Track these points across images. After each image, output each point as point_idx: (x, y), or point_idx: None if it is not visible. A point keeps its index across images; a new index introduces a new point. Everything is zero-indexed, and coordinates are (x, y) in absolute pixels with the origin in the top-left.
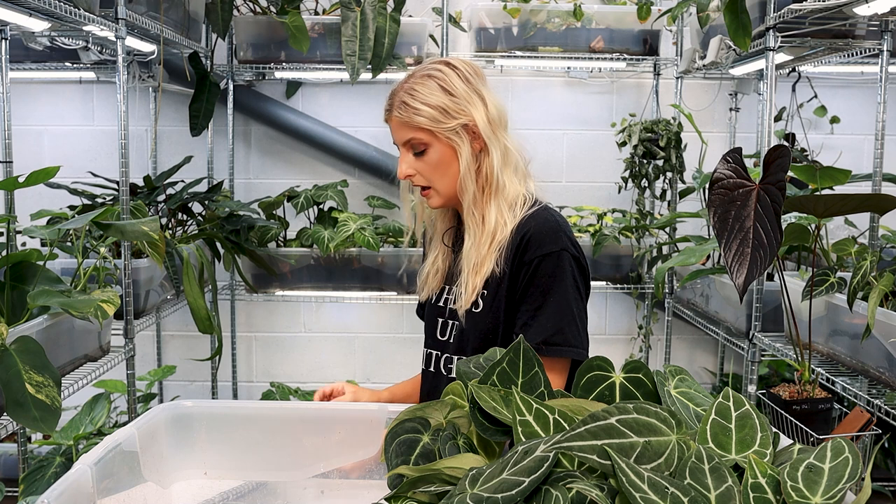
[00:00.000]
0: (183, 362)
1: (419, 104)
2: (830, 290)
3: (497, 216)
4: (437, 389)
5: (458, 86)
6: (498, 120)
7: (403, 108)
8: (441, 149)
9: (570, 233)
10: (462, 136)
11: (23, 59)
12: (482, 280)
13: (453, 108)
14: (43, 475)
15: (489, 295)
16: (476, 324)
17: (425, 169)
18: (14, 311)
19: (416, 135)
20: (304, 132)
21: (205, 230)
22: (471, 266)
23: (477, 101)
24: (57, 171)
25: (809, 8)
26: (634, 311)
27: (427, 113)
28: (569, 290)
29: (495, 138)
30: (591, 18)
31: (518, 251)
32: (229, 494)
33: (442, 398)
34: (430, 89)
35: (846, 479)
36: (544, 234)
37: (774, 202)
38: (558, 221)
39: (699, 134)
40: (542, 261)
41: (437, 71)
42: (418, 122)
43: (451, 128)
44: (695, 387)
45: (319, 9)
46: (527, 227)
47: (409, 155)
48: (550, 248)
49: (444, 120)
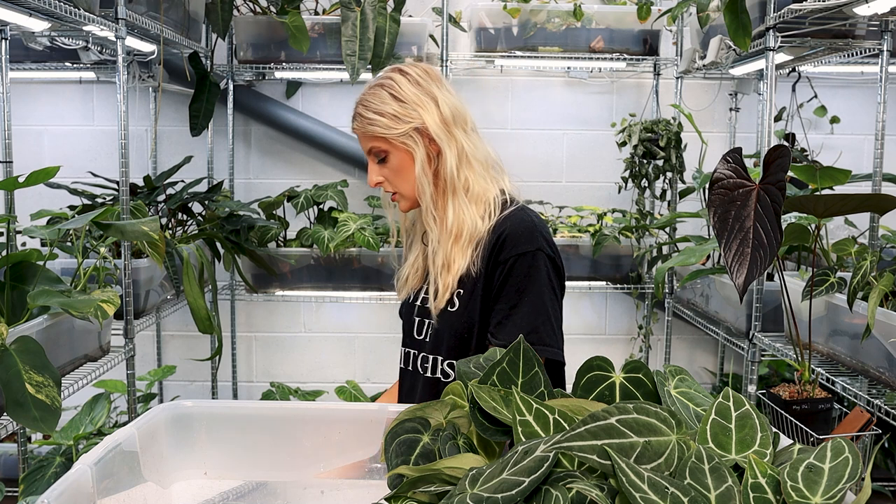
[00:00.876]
0: (183, 362)
1: (371, 114)
2: (830, 290)
3: (458, 214)
4: (415, 388)
5: (408, 91)
6: (453, 119)
7: (359, 120)
8: (398, 154)
9: (547, 233)
10: (416, 140)
11: (23, 59)
12: (455, 279)
13: (403, 113)
14: (43, 475)
15: (465, 294)
16: (452, 322)
17: (389, 175)
18: (14, 311)
19: (374, 143)
20: (304, 132)
21: (205, 230)
22: (438, 266)
23: (428, 104)
24: (57, 171)
25: (809, 8)
26: (634, 311)
27: (380, 122)
28: (544, 289)
29: (450, 138)
30: (591, 18)
31: (494, 251)
32: (229, 494)
33: (442, 398)
34: (380, 98)
35: (846, 479)
36: (520, 234)
37: (774, 202)
38: (534, 221)
39: (699, 134)
40: (518, 260)
41: (388, 79)
42: (373, 132)
43: (404, 132)
44: (695, 387)
45: (319, 9)
46: (503, 226)
47: (374, 162)
48: (526, 247)
49: (395, 126)
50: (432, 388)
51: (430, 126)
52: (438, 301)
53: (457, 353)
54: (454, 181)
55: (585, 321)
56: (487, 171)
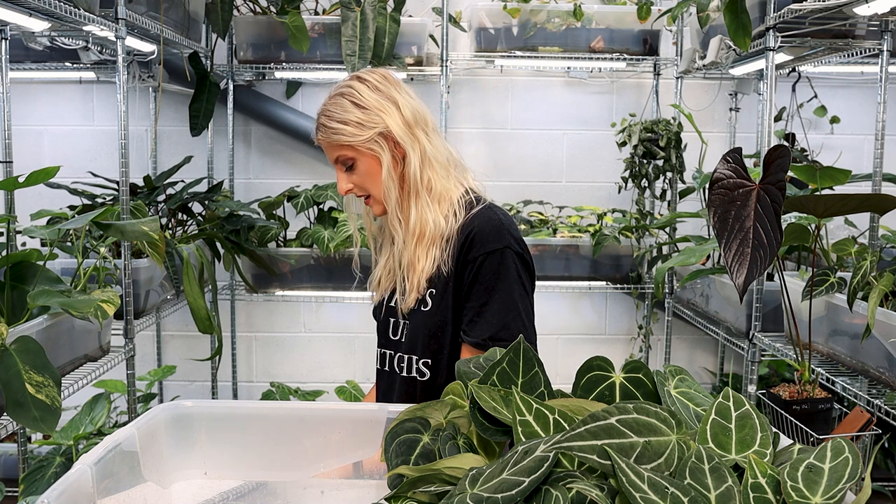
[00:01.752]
0: (183, 362)
1: (336, 123)
2: (830, 290)
3: (421, 214)
4: (392, 388)
5: (369, 97)
6: (415, 121)
7: (323, 131)
8: (366, 160)
9: (515, 231)
10: (381, 145)
11: (23, 59)
12: (424, 278)
13: (366, 120)
14: (43, 475)
15: (437, 294)
16: (426, 322)
17: (358, 181)
18: (14, 311)
19: (340, 152)
20: (304, 132)
21: (205, 230)
22: (404, 266)
23: (390, 108)
24: (57, 171)
25: (809, 8)
26: (634, 311)
27: (345, 130)
28: (513, 286)
29: (413, 140)
30: (591, 18)
31: (463, 250)
32: (229, 494)
33: (442, 398)
34: (342, 107)
35: (846, 479)
36: (488, 233)
37: (774, 202)
38: (501, 220)
39: (699, 134)
40: (486, 258)
41: (347, 88)
42: (338, 140)
43: (369, 138)
44: (695, 387)
45: (319, 9)
46: (471, 226)
47: (342, 171)
48: (494, 245)
49: (360, 133)
50: (409, 387)
51: (393, 130)
52: (408, 301)
53: (432, 351)
54: (417, 183)
55: (585, 321)
56: (450, 170)
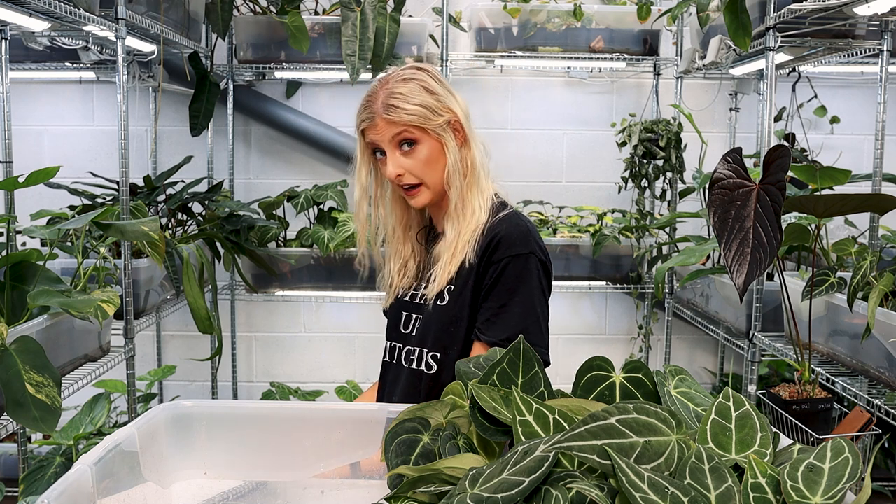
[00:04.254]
0: (183, 362)
1: (407, 104)
2: (830, 290)
3: (478, 206)
4: (398, 380)
5: (435, 85)
6: (467, 116)
7: (392, 110)
8: (431, 144)
9: (539, 238)
10: (448, 132)
11: (23, 59)
12: (455, 269)
13: (437, 105)
14: (43, 475)
15: (456, 290)
16: (440, 316)
17: (415, 166)
18: (14, 311)
19: (406, 132)
20: (304, 132)
21: (205, 230)
22: (450, 254)
23: (453, 99)
24: (57, 171)
25: (809, 8)
26: (634, 311)
27: (416, 111)
28: (534, 292)
29: (472, 133)
30: (591, 18)
31: (487, 250)
32: (229, 494)
33: (442, 398)
34: (412, 90)
35: (846, 479)
36: (515, 237)
37: (774, 202)
38: (528, 226)
39: (699, 134)
40: (512, 261)
41: (413, 74)
42: (409, 120)
43: (439, 124)
44: (695, 387)
45: (319, 9)
46: (499, 228)
47: (397, 154)
48: (520, 250)
49: (432, 117)
50: (415, 380)
51: (460, 118)
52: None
53: (442, 345)
54: (479, 173)
55: (585, 321)
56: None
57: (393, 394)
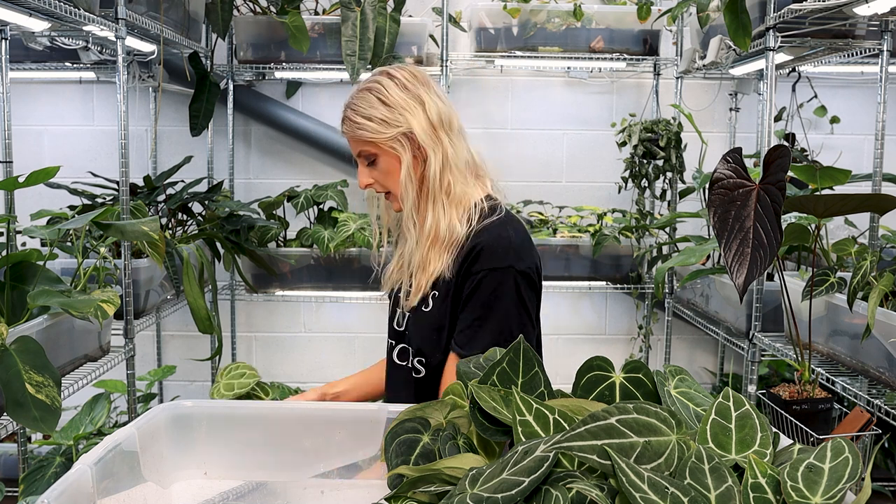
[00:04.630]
0: (183, 362)
1: (360, 118)
2: (830, 290)
3: (437, 218)
4: (389, 377)
5: (395, 95)
6: (439, 123)
7: (348, 124)
8: (387, 158)
9: (526, 249)
10: (403, 144)
11: (23, 59)
12: (430, 280)
13: (391, 118)
14: (43, 475)
15: (439, 297)
16: (425, 322)
17: (379, 177)
18: (14, 311)
19: (362, 147)
20: (304, 132)
21: (205, 230)
22: (415, 266)
23: (415, 108)
24: (57, 171)
25: (809, 8)
26: (634, 311)
27: (368, 126)
28: (510, 308)
29: (436, 142)
30: (591, 18)
31: (467, 261)
32: (229, 494)
33: (442, 398)
34: (368, 102)
35: (846, 479)
36: (495, 249)
37: (774, 202)
38: (511, 237)
39: (699, 134)
40: (488, 275)
41: (375, 83)
42: (361, 136)
43: (391, 137)
44: (695, 387)
45: (319, 9)
46: (480, 238)
47: (364, 165)
48: (498, 263)
49: (383, 131)
50: (406, 378)
51: (416, 131)
52: (410, 300)
53: (426, 350)
54: (436, 186)
55: (585, 321)
56: (469, 174)
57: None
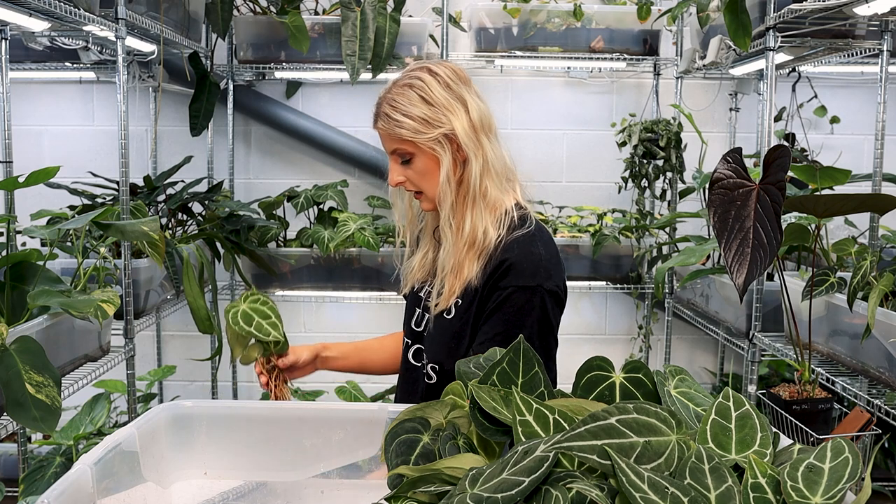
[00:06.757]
0: (183, 362)
1: (400, 116)
2: (830, 290)
3: (476, 223)
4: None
5: (438, 94)
6: (480, 125)
7: (386, 120)
8: (424, 159)
9: (555, 266)
10: (443, 146)
11: (23, 59)
12: (462, 285)
13: (433, 118)
14: (43, 475)
15: (463, 304)
16: (444, 329)
17: (413, 176)
18: (14, 311)
19: (399, 145)
20: (304, 132)
21: (205, 230)
22: (448, 269)
23: (458, 108)
24: (57, 171)
25: (809, 8)
26: (634, 311)
27: (408, 125)
28: (535, 326)
29: (477, 146)
30: (591, 18)
31: (495, 274)
32: (229, 494)
33: (442, 398)
34: (409, 100)
35: (846, 479)
36: (524, 267)
37: (774, 202)
38: (542, 255)
39: (699, 134)
40: (516, 292)
41: (417, 80)
42: (400, 134)
43: (432, 138)
44: (695, 387)
45: (319, 9)
46: (510, 252)
47: (398, 163)
48: (527, 281)
49: (424, 131)
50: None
51: (458, 133)
52: (441, 304)
53: (442, 357)
54: (476, 190)
55: (585, 321)
56: (503, 179)
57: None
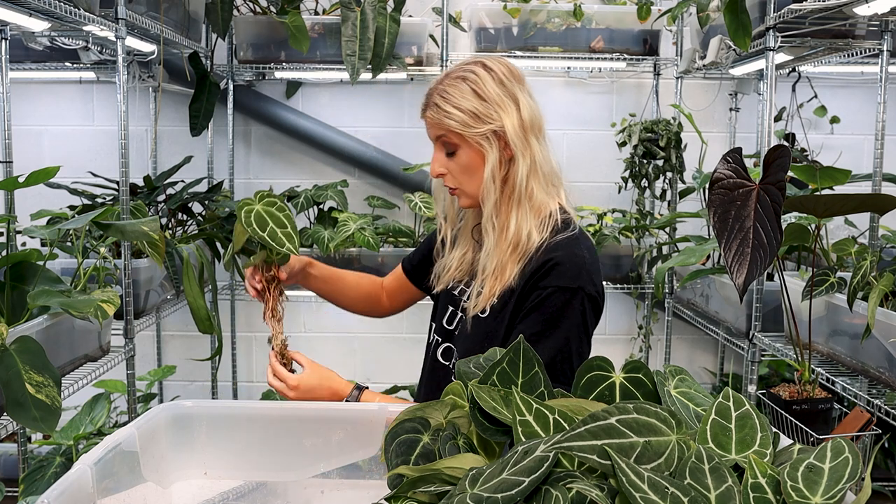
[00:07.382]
0: (183, 362)
1: (450, 107)
2: (830, 290)
3: (521, 224)
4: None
5: (491, 90)
6: (531, 125)
7: (436, 110)
8: (470, 152)
9: (596, 272)
10: (491, 142)
11: (23, 59)
12: (503, 287)
13: (484, 112)
14: (43, 475)
15: (498, 305)
16: (477, 329)
17: (455, 169)
18: (14, 311)
19: (446, 136)
20: (304, 132)
21: (205, 230)
22: (490, 271)
23: (509, 106)
24: (57, 171)
25: (809, 8)
26: (634, 311)
27: (457, 117)
28: (572, 328)
29: (525, 146)
30: (591, 18)
31: (537, 274)
32: (229, 494)
33: (442, 398)
34: (462, 92)
35: (846, 479)
36: (567, 268)
37: (774, 202)
38: (585, 257)
39: (699, 134)
40: (557, 292)
41: (472, 73)
42: (448, 125)
43: (481, 133)
44: (695, 387)
45: (319, 9)
46: (553, 253)
47: (442, 153)
48: (569, 283)
49: (473, 125)
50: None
51: (508, 130)
52: (479, 304)
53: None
54: (521, 191)
55: None
56: (549, 182)
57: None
